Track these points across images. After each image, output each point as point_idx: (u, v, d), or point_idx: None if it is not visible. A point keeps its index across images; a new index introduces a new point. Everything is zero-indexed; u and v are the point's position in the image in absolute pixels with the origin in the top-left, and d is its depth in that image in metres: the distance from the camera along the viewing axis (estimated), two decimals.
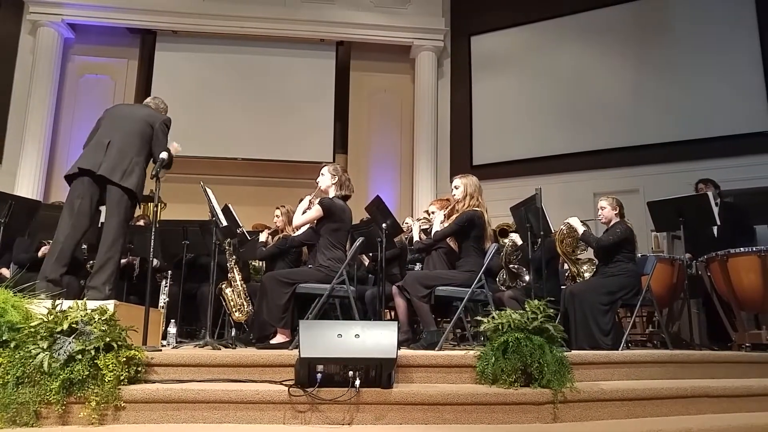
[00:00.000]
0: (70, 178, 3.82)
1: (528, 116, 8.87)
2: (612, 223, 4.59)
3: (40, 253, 4.89)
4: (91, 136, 3.96)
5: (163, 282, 5.14)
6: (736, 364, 3.82)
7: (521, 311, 3.13)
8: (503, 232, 5.18)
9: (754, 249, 4.53)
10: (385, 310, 5.06)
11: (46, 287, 3.41)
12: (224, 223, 4.26)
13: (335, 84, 9.38)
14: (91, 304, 2.89)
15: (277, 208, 5.47)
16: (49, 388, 2.55)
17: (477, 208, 4.26)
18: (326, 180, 4.27)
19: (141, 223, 5.92)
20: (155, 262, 4.92)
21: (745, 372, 3.71)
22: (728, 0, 7.81)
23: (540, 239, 4.57)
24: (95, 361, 2.63)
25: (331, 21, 9.14)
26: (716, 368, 3.70)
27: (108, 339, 2.69)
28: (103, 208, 3.86)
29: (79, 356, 2.61)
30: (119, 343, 2.73)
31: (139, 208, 5.64)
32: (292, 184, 8.64)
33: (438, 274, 4.21)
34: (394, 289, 4.25)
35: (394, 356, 2.77)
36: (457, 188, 4.39)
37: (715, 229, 5.26)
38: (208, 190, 4.30)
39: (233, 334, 5.11)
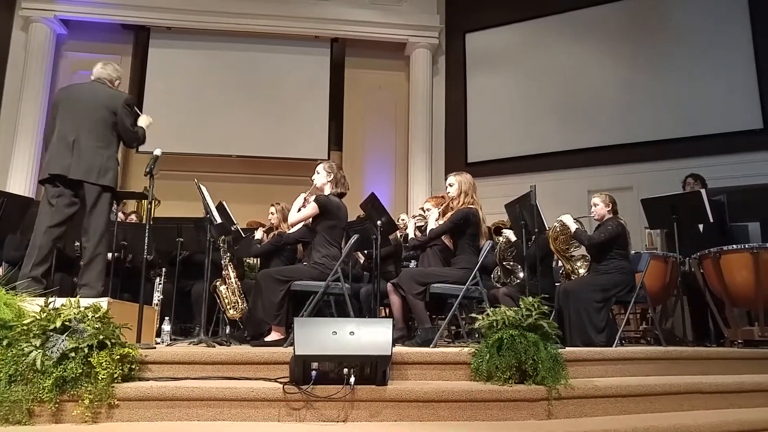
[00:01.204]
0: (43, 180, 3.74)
1: (522, 114, 8.89)
2: (604, 220, 4.60)
3: None
4: (51, 129, 3.81)
5: (158, 279, 5.12)
6: (728, 361, 3.84)
7: (516, 308, 3.14)
8: (498, 229, 5.19)
9: (747, 246, 4.55)
10: (380, 308, 5.06)
11: (28, 285, 3.37)
12: (219, 220, 4.25)
13: (330, 81, 9.37)
14: (85, 302, 2.87)
15: (272, 205, 5.47)
16: (42, 386, 2.53)
17: (472, 206, 4.26)
18: (322, 177, 4.26)
19: (133, 218, 5.89)
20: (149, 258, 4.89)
21: (738, 368, 3.73)
22: None
23: (534, 236, 4.58)
24: (88, 359, 2.61)
25: (325, 18, 9.13)
26: (709, 365, 3.73)
27: (101, 337, 2.67)
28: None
29: (73, 354, 2.59)
30: (113, 340, 2.72)
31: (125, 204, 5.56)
32: (286, 182, 8.62)
33: (433, 271, 4.21)
34: (389, 286, 4.26)
35: (389, 353, 2.77)
36: (451, 186, 4.39)
37: (700, 226, 5.28)
38: (203, 188, 4.28)
39: (228, 331, 5.10)
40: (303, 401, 2.70)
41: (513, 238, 4.93)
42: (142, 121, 4.02)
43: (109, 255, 4.71)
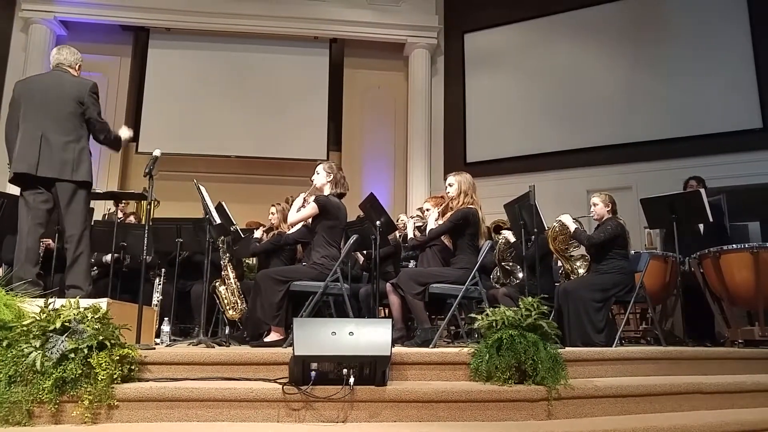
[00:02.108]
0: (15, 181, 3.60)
1: (521, 114, 8.89)
2: (603, 220, 4.60)
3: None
4: (12, 127, 3.61)
5: (157, 280, 5.12)
6: (728, 361, 3.84)
7: (515, 308, 3.13)
8: (498, 228, 5.20)
9: (747, 246, 4.55)
10: (380, 308, 5.06)
11: (26, 288, 3.31)
12: (218, 220, 4.24)
13: (329, 81, 9.38)
14: (84, 303, 2.87)
15: (273, 205, 5.48)
16: (41, 386, 2.53)
17: (471, 206, 4.26)
18: (321, 178, 4.26)
19: (132, 219, 5.89)
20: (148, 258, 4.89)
21: (738, 368, 3.73)
22: None
23: (533, 236, 4.59)
24: (88, 360, 2.61)
25: (324, 18, 9.13)
26: (709, 365, 3.72)
27: (101, 337, 2.67)
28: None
29: (72, 355, 2.59)
30: (112, 341, 2.72)
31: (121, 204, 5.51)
32: (285, 182, 8.61)
33: (432, 271, 4.21)
34: (389, 286, 4.25)
35: (389, 354, 2.77)
36: (451, 186, 4.39)
37: (701, 226, 5.28)
38: (202, 188, 4.28)
39: (227, 332, 5.10)
40: (302, 402, 2.69)
41: (512, 238, 4.93)
42: (123, 132, 3.94)
43: (108, 257, 4.71)
